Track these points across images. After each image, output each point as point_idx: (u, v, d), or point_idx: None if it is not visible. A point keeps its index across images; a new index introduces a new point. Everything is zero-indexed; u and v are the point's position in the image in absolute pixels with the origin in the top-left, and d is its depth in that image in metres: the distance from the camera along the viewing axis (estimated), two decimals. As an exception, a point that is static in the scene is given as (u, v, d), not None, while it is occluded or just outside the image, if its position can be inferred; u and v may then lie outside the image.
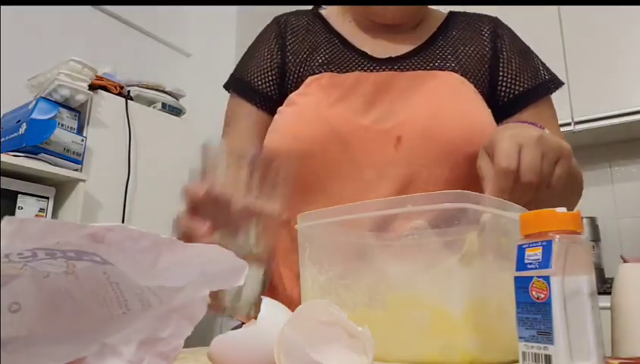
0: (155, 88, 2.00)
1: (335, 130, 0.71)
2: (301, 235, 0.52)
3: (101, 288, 0.34)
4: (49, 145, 1.56)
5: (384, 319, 0.43)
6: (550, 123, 0.76)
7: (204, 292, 0.34)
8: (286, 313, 0.38)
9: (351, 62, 0.78)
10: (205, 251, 0.33)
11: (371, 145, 0.70)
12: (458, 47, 0.79)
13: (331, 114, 0.72)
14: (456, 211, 0.41)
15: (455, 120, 0.70)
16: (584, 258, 0.35)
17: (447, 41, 0.80)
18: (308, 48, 0.82)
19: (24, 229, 0.26)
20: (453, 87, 0.73)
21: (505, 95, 0.77)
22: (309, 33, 0.84)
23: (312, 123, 0.72)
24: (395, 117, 0.71)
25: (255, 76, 0.83)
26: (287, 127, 0.74)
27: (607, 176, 2.27)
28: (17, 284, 0.32)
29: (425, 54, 0.78)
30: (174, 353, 0.35)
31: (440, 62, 0.77)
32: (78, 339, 0.34)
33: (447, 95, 0.72)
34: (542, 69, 0.80)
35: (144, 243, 0.30)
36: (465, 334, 0.39)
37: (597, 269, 1.97)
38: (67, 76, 1.63)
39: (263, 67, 0.83)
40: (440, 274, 0.42)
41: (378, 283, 0.45)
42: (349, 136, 0.71)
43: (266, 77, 0.82)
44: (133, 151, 1.84)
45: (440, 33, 0.81)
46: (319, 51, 0.81)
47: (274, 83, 0.82)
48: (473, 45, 0.80)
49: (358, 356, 0.36)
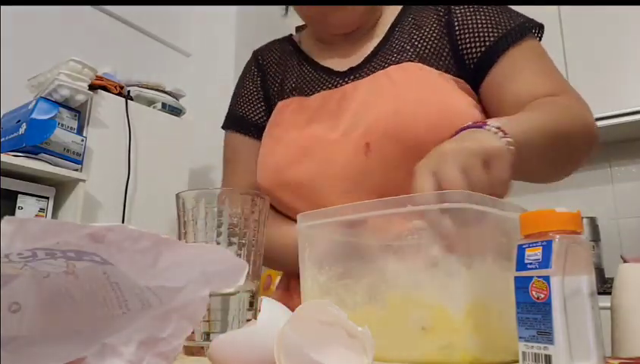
0: (155, 88, 2.00)
1: (308, 149, 0.74)
2: (301, 235, 0.52)
3: (101, 288, 0.34)
4: (49, 145, 1.56)
5: (384, 319, 0.43)
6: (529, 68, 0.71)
7: (204, 292, 0.34)
8: (286, 313, 0.38)
9: (316, 83, 0.81)
10: (205, 251, 0.33)
11: (343, 158, 0.71)
12: (413, 34, 0.77)
13: (303, 137, 0.75)
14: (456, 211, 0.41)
15: (417, 113, 0.68)
16: (584, 258, 0.35)
17: (402, 31, 0.78)
18: (281, 75, 0.87)
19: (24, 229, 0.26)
20: (411, 78, 0.71)
21: (471, 60, 0.73)
22: (283, 60, 0.89)
23: (285, 148, 0.76)
24: (361, 124, 0.71)
25: (246, 110, 0.88)
26: (267, 159, 0.78)
27: (607, 176, 2.27)
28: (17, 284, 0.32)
29: (382, 53, 0.78)
30: (174, 353, 0.35)
31: (397, 55, 0.76)
32: (78, 339, 0.34)
33: (406, 88, 0.70)
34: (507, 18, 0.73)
35: (144, 243, 0.30)
36: (466, 333, 0.39)
37: (597, 269, 1.97)
38: (67, 76, 1.63)
39: (251, 99, 0.88)
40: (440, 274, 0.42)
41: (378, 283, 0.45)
42: (323, 154, 0.73)
43: (256, 108, 0.87)
44: (133, 151, 1.84)
45: (396, 25, 0.80)
46: (290, 76, 0.85)
47: (264, 113, 0.87)
48: (428, 26, 0.77)
49: (358, 356, 0.36)
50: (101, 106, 1.79)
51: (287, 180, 0.74)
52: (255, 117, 0.87)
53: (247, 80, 0.91)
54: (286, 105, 0.81)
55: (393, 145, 0.68)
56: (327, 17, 0.79)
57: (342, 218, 0.48)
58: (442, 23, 0.76)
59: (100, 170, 1.74)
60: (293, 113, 0.79)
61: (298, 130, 0.76)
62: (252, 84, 0.89)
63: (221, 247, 0.49)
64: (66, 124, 1.65)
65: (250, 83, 0.90)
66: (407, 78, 0.71)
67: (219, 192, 0.53)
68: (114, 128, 1.81)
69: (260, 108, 0.87)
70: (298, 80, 0.84)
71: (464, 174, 0.47)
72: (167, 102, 2.02)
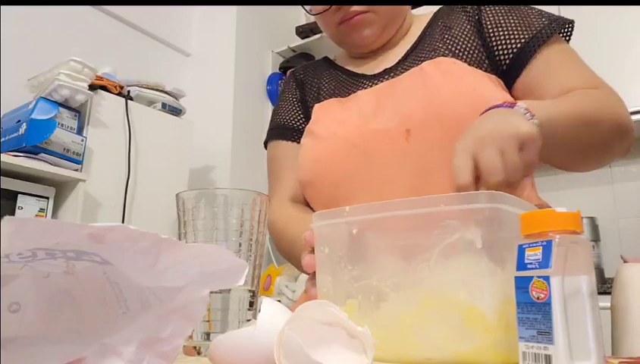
0: (155, 88, 2.00)
1: (348, 141, 0.75)
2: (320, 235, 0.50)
3: (101, 288, 0.34)
4: (49, 145, 1.56)
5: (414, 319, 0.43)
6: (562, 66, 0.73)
7: (204, 292, 0.34)
8: (286, 313, 0.38)
9: (352, 85, 0.84)
10: (205, 251, 0.33)
11: (384, 145, 0.73)
12: (445, 34, 0.79)
13: (342, 129, 0.77)
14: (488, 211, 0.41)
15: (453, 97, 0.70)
16: (584, 258, 0.35)
17: (434, 34, 0.81)
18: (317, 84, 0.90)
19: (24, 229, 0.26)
20: (445, 70, 0.73)
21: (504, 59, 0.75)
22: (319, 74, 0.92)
23: (326, 142, 0.78)
24: (401, 114, 0.73)
25: (288, 118, 0.91)
26: (307, 153, 0.80)
27: (607, 176, 2.27)
28: (17, 284, 0.32)
29: (416, 53, 0.80)
30: (174, 353, 0.35)
31: (430, 53, 0.78)
32: (78, 339, 0.34)
33: (441, 78, 0.72)
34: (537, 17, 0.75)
35: (144, 243, 0.30)
36: (498, 334, 0.39)
37: (597, 269, 1.97)
38: (67, 76, 1.63)
39: (291, 109, 0.91)
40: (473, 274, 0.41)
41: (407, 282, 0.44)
42: (363, 143, 0.74)
43: (296, 116, 0.90)
44: (133, 151, 1.84)
45: (427, 30, 0.83)
46: (326, 83, 0.89)
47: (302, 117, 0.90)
48: (458, 26, 0.79)
49: (358, 356, 0.36)
50: (101, 106, 1.79)
51: (324, 171, 0.76)
52: (295, 123, 0.89)
53: (286, 93, 0.94)
54: (323, 106, 0.83)
55: (433, 128, 0.70)
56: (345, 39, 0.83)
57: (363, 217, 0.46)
58: (472, 23, 0.78)
59: (100, 170, 1.74)
60: (331, 111, 0.81)
61: (337, 125, 0.78)
62: (291, 96, 0.92)
63: (221, 247, 0.49)
64: (66, 124, 1.65)
65: (289, 95, 0.93)
66: (441, 70, 0.73)
67: (219, 192, 0.53)
68: (114, 128, 1.81)
69: (299, 115, 0.90)
70: (334, 85, 0.87)
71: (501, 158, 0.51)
72: (167, 102, 2.02)
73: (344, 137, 0.76)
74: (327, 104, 0.83)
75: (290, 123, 0.90)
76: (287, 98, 0.93)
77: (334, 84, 0.87)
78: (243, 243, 0.51)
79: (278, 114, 0.93)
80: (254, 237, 0.52)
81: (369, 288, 0.45)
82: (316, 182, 0.78)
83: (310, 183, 0.79)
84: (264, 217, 0.53)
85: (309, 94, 0.90)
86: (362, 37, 0.81)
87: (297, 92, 0.92)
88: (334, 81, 0.88)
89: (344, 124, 0.77)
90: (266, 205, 0.54)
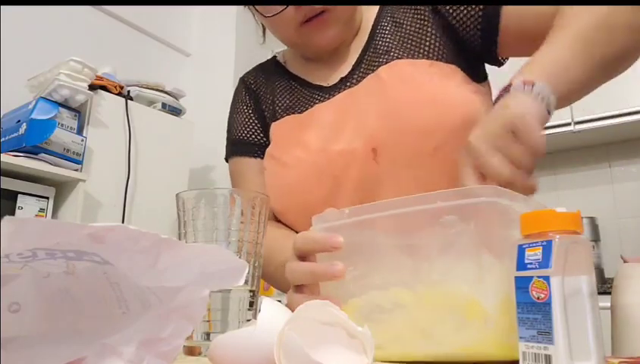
0: (155, 88, 2.00)
1: (315, 166, 0.72)
2: None
3: (101, 288, 0.34)
4: (49, 145, 1.56)
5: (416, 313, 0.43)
6: None
7: (204, 292, 0.34)
8: (286, 313, 0.38)
9: (309, 99, 0.79)
10: (205, 251, 0.33)
11: (353, 169, 0.70)
12: (395, 31, 0.75)
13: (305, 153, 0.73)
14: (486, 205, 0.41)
15: (415, 110, 0.67)
16: (584, 258, 0.35)
17: (384, 31, 0.76)
18: (271, 96, 0.85)
19: (24, 229, 0.26)
20: (403, 76, 0.70)
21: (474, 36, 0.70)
22: (270, 82, 0.86)
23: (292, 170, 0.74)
24: (363, 131, 0.70)
25: (245, 132, 0.86)
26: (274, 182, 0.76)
27: (607, 176, 2.27)
28: (17, 284, 0.32)
29: (369, 57, 0.76)
30: (174, 353, 0.35)
31: (384, 56, 0.74)
32: (78, 339, 0.34)
33: (400, 87, 0.69)
34: None
35: (144, 243, 0.30)
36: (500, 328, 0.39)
37: (597, 269, 1.97)
38: (67, 76, 1.63)
39: (247, 122, 0.86)
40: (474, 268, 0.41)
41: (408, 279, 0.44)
42: (330, 167, 0.71)
43: (254, 129, 0.85)
44: (133, 151, 1.84)
45: (376, 26, 0.78)
46: (280, 97, 0.83)
47: (260, 131, 0.85)
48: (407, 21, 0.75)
49: (358, 356, 0.36)
50: (101, 106, 1.79)
51: (301, 201, 0.72)
52: (252, 136, 0.85)
53: (240, 105, 0.89)
54: (280, 126, 0.80)
55: (399, 145, 0.67)
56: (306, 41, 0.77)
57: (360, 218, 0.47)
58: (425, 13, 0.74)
59: (100, 170, 1.75)
60: (291, 131, 0.77)
61: (300, 148, 0.74)
62: (245, 107, 0.88)
63: (221, 247, 0.49)
64: (66, 124, 1.65)
65: (243, 106, 0.88)
66: (400, 77, 0.70)
67: (219, 192, 0.53)
68: (114, 128, 1.82)
69: (258, 129, 0.85)
70: (289, 99, 0.82)
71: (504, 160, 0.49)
72: (167, 102, 2.02)
73: (310, 162, 0.72)
74: (284, 123, 0.79)
75: (248, 138, 0.85)
76: (242, 110, 0.88)
77: (289, 97, 0.82)
78: (243, 243, 0.51)
79: (235, 127, 0.88)
80: (254, 237, 0.52)
81: (371, 287, 0.46)
82: (290, 212, 0.75)
83: (283, 212, 0.76)
84: (264, 217, 0.53)
85: (264, 104, 0.85)
86: (326, 37, 0.75)
87: (251, 102, 0.87)
88: (289, 93, 0.83)
89: (307, 148, 0.73)
90: (266, 205, 0.54)
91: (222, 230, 0.50)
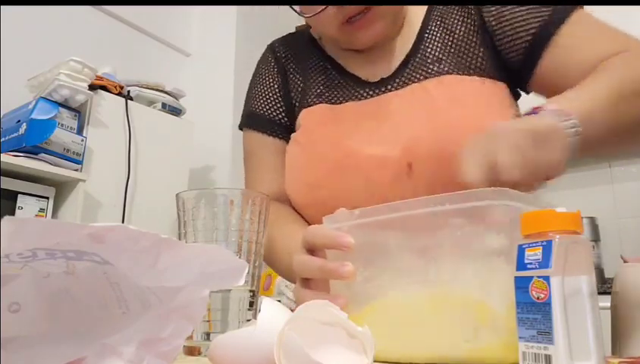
0: (155, 88, 2.00)
1: (345, 168, 0.69)
2: None
3: (101, 288, 0.34)
4: (49, 145, 1.56)
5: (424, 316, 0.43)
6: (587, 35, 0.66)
7: (204, 292, 0.34)
8: (286, 313, 0.38)
9: (345, 91, 0.76)
10: (205, 251, 0.33)
11: (384, 179, 0.67)
12: (446, 39, 0.73)
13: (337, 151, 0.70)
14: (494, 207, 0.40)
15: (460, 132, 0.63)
16: (584, 258, 0.35)
17: (433, 37, 0.74)
18: (302, 75, 0.81)
19: (24, 229, 0.26)
20: (452, 94, 0.68)
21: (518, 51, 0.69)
22: (304, 60, 0.82)
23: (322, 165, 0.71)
24: (400, 141, 0.67)
25: (265, 106, 0.82)
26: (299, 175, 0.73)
27: (607, 176, 2.27)
28: (17, 284, 0.32)
29: (415, 62, 0.73)
30: (174, 353, 0.35)
31: (432, 66, 0.72)
32: (78, 339, 0.34)
33: (447, 105, 0.67)
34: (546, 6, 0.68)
35: (144, 243, 0.30)
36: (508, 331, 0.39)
37: (597, 269, 1.97)
38: (67, 76, 1.63)
39: (271, 96, 0.82)
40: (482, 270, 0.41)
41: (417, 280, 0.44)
42: (361, 172, 0.68)
43: (274, 105, 0.81)
44: (133, 151, 1.84)
45: (425, 29, 0.75)
46: (313, 80, 0.79)
47: (284, 110, 0.81)
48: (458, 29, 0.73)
49: (358, 356, 0.36)
50: (101, 106, 1.79)
51: (323, 198, 0.70)
52: (272, 114, 0.81)
53: (266, 76, 0.84)
54: (311, 113, 0.76)
55: (437, 166, 0.64)
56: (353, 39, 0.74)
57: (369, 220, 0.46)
58: (474, 25, 0.72)
59: (100, 170, 1.75)
60: (323, 123, 0.74)
61: (331, 143, 0.71)
62: (271, 80, 0.83)
63: (221, 247, 0.49)
64: (66, 124, 1.65)
65: (269, 78, 0.83)
66: (447, 93, 0.68)
67: (219, 192, 0.53)
68: (114, 128, 1.81)
69: (277, 105, 0.81)
70: (323, 85, 0.78)
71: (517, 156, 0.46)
72: (167, 102, 2.02)
73: (339, 161, 0.70)
74: (316, 111, 0.75)
75: (269, 113, 0.81)
76: (266, 82, 0.83)
77: (323, 83, 0.78)
78: (243, 243, 0.51)
79: (256, 99, 0.83)
80: (254, 237, 0.52)
81: (381, 288, 0.46)
82: (313, 205, 0.72)
83: (307, 206, 0.73)
84: (264, 217, 0.53)
85: (293, 84, 0.81)
86: (370, 36, 0.72)
87: (279, 77, 0.82)
88: (323, 79, 0.78)
89: (339, 144, 0.70)
90: (266, 205, 0.54)
91: (222, 230, 0.50)
